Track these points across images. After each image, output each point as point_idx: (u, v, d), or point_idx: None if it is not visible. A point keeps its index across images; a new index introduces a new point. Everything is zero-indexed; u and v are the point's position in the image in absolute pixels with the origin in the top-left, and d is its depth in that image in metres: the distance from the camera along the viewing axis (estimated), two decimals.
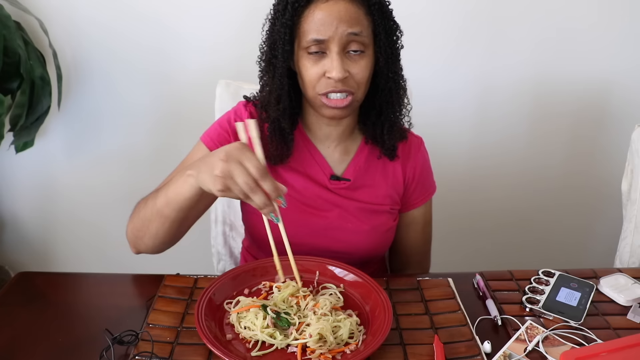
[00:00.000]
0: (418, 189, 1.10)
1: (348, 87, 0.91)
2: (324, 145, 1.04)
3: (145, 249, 0.97)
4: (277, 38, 0.92)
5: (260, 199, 0.77)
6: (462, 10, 1.66)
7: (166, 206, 0.88)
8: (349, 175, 1.04)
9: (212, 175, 0.77)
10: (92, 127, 1.81)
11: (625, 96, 1.78)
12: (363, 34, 0.90)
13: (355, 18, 0.89)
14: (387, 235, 1.09)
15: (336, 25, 0.87)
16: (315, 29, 0.88)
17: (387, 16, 0.94)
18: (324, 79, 0.91)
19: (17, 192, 1.91)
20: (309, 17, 0.89)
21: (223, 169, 0.76)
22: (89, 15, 1.65)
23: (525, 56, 1.73)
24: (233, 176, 0.76)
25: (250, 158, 0.77)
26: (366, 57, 0.92)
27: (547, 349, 0.80)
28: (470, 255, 1.99)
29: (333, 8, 0.88)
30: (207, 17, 1.64)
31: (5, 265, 1.99)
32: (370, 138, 1.04)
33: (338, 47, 0.89)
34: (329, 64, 0.89)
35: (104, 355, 0.76)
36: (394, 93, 0.99)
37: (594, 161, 1.89)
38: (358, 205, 1.03)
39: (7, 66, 1.48)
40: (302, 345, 0.77)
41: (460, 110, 1.80)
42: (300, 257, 0.96)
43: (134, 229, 0.95)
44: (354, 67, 0.91)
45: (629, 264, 1.26)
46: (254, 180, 0.76)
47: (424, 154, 1.11)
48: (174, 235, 0.95)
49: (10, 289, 0.93)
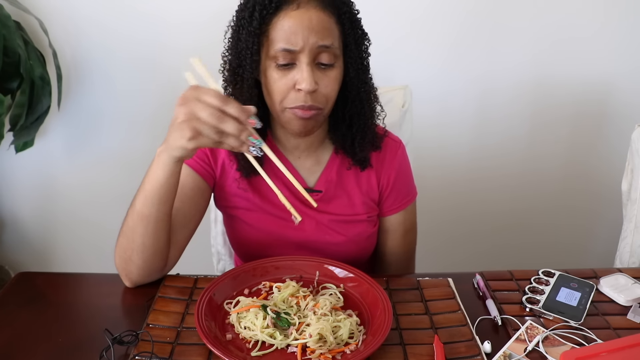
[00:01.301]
0: (393, 196, 1.05)
1: (316, 103, 0.87)
2: (294, 156, 1.01)
3: (137, 272, 0.90)
4: (243, 47, 0.87)
5: (231, 126, 0.74)
6: (462, 12, 1.66)
7: (145, 202, 0.84)
8: (320, 187, 1.01)
9: (177, 126, 0.74)
10: (92, 127, 1.81)
11: (625, 97, 1.78)
12: (334, 45, 0.86)
13: (327, 28, 0.85)
14: (369, 242, 1.07)
15: (307, 36, 0.83)
16: (285, 38, 0.84)
17: (356, 25, 0.91)
18: (293, 92, 0.87)
19: (17, 192, 1.91)
20: (277, 25, 0.84)
21: (184, 112, 0.73)
22: (88, 15, 1.65)
23: (525, 57, 1.73)
24: (196, 114, 0.73)
25: (206, 91, 0.74)
26: (335, 69, 0.88)
27: (547, 349, 0.80)
28: (471, 256, 1.99)
29: (304, 17, 0.84)
30: (208, 17, 1.64)
31: (5, 265, 1.99)
32: (341, 148, 1.00)
33: (308, 58, 0.84)
34: (299, 75, 0.85)
35: (104, 355, 0.76)
36: (365, 104, 0.95)
37: (593, 161, 1.89)
38: (333, 218, 1.01)
39: (7, 66, 1.48)
40: (302, 345, 0.77)
41: (460, 112, 1.80)
42: (300, 257, 0.96)
43: (120, 251, 0.89)
44: (323, 80, 0.87)
45: (629, 264, 1.26)
46: (218, 109, 0.73)
47: (400, 159, 1.06)
48: (163, 245, 0.89)
49: (10, 289, 0.93)
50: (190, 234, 0.99)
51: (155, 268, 0.92)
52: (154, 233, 0.87)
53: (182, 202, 0.94)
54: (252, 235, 1.03)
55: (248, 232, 1.03)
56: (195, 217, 0.98)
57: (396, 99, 1.29)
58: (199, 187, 0.98)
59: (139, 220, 0.85)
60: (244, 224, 1.03)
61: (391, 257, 1.12)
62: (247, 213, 1.02)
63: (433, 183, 1.80)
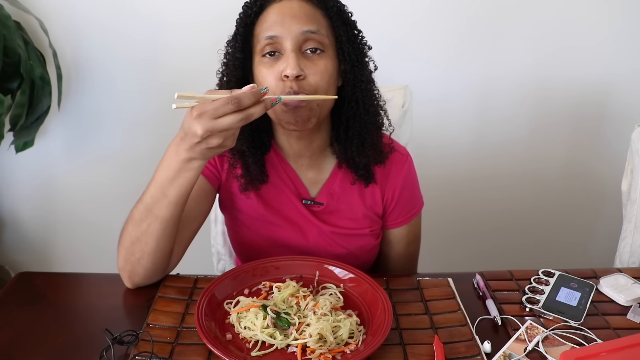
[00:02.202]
0: (397, 210, 1.04)
1: (303, 89, 0.85)
2: (297, 164, 1.00)
3: (143, 274, 0.90)
4: (232, 48, 0.90)
5: (257, 110, 0.73)
6: (462, 13, 1.66)
7: (168, 207, 0.83)
8: (322, 199, 1.01)
9: (206, 142, 0.73)
10: (92, 127, 1.81)
11: (625, 97, 1.79)
12: (321, 32, 0.86)
13: (311, 15, 0.86)
14: (371, 254, 1.07)
15: (290, 22, 0.84)
16: (268, 27, 0.86)
17: (348, 22, 0.91)
18: (280, 83, 0.85)
19: (17, 192, 1.91)
20: (262, 20, 0.87)
21: (204, 127, 0.71)
22: (89, 15, 1.65)
23: (526, 58, 1.73)
24: (220, 129, 0.72)
25: (210, 103, 0.72)
26: (326, 57, 0.87)
27: (547, 349, 0.80)
28: (471, 256, 1.99)
29: (285, 7, 0.86)
30: (208, 17, 1.64)
31: (5, 265, 1.99)
32: (343, 160, 0.98)
33: (293, 45, 0.84)
34: (284, 64, 0.84)
35: (104, 355, 0.76)
36: (360, 104, 0.92)
37: (593, 161, 1.89)
38: (334, 230, 1.01)
39: (7, 66, 1.48)
40: (302, 345, 0.77)
41: (461, 112, 1.80)
42: (300, 257, 0.96)
43: (128, 254, 0.88)
44: (311, 68, 0.85)
45: (629, 264, 1.27)
46: (236, 109, 0.71)
47: (407, 172, 1.03)
48: (172, 247, 0.90)
49: (10, 289, 0.93)
50: (193, 235, 0.99)
51: (160, 269, 0.92)
52: (171, 235, 0.87)
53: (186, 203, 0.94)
54: (254, 241, 1.03)
55: (250, 238, 1.03)
56: (198, 219, 0.98)
57: (396, 99, 1.29)
58: (203, 189, 0.98)
59: (159, 223, 0.85)
60: (246, 229, 1.03)
61: (393, 264, 1.12)
62: (250, 219, 1.02)
63: (433, 183, 1.79)
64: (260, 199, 1.00)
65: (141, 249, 0.87)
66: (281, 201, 1.00)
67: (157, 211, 0.84)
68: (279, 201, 1.00)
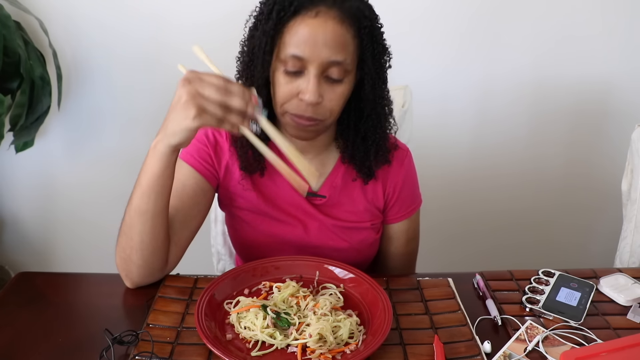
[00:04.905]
0: (398, 204, 1.05)
1: (317, 116, 0.86)
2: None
3: (137, 272, 0.89)
4: (256, 44, 0.87)
5: (237, 100, 0.73)
6: (463, 12, 1.66)
7: (142, 197, 0.83)
8: (324, 192, 1.01)
9: (182, 105, 0.73)
10: (92, 127, 1.81)
11: (625, 96, 1.79)
12: (346, 61, 0.84)
13: (342, 43, 0.83)
14: (372, 249, 1.07)
15: (320, 48, 0.82)
16: (297, 44, 0.82)
17: (376, 40, 0.89)
18: (295, 99, 0.85)
19: (17, 192, 1.91)
20: (292, 30, 0.83)
21: (188, 91, 0.72)
22: (88, 14, 1.65)
23: (526, 58, 1.73)
24: (200, 92, 0.72)
25: (208, 73, 0.74)
26: (344, 84, 0.87)
27: (547, 349, 0.80)
28: (471, 256, 1.99)
29: (319, 28, 0.81)
30: (209, 17, 1.64)
31: (5, 265, 1.99)
32: (350, 160, 0.99)
33: (317, 70, 0.83)
34: (304, 85, 0.84)
35: (104, 355, 0.76)
36: (382, 118, 0.94)
37: (594, 161, 1.89)
38: (336, 223, 1.01)
39: (7, 66, 1.48)
40: (302, 345, 0.77)
41: (461, 112, 1.80)
42: (300, 257, 0.96)
43: (120, 250, 0.89)
44: (329, 94, 0.86)
45: (629, 264, 1.27)
46: (223, 87, 0.73)
47: (407, 167, 1.05)
48: (162, 243, 0.88)
49: (10, 289, 0.93)
50: (192, 235, 0.98)
51: (156, 268, 0.91)
52: (152, 229, 0.86)
53: (182, 201, 0.94)
54: (255, 237, 1.03)
55: (250, 234, 1.03)
56: (196, 218, 0.98)
57: (396, 99, 1.28)
58: (201, 188, 0.98)
59: (137, 216, 0.85)
60: (246, 225, 1.03)
61: (392, 262, 1.12)
62: (250, 215, 1.02)
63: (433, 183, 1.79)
64: (261, 194, 1.00)
65: (129, 245, 0.87)
66: (282, 195, 1.00)
67: (133, 202, 0.85)
68: (280, 195, 1.00)
